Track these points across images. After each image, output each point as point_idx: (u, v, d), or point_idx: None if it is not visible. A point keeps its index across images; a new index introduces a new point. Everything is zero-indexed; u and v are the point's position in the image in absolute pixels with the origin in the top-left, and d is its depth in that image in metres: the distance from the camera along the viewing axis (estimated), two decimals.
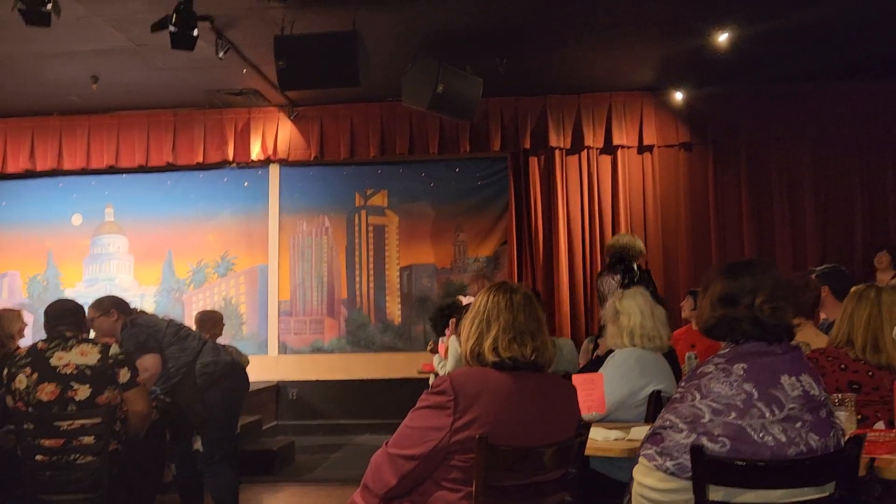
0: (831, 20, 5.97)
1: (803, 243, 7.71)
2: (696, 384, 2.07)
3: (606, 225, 7.82)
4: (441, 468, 2.09)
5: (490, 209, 8.13)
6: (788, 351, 2.14)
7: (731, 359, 2.09)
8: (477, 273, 8.13)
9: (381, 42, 6.08)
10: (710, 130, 7.78)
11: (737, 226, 7.80)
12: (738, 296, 2.17)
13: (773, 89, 7.61)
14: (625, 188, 7.85)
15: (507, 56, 6.59)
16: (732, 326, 2.17)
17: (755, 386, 2.02)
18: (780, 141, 7.76)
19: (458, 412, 2.06)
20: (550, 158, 7.87)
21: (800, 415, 2.03)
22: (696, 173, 7.89)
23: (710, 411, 2.01)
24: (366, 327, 8.14)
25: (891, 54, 6.86)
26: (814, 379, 2.12)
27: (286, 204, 8.27)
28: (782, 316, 2.15)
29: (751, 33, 6.08)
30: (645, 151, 7.88)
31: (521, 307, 2.21)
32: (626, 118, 7.80)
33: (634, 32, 6.25)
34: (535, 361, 2.17)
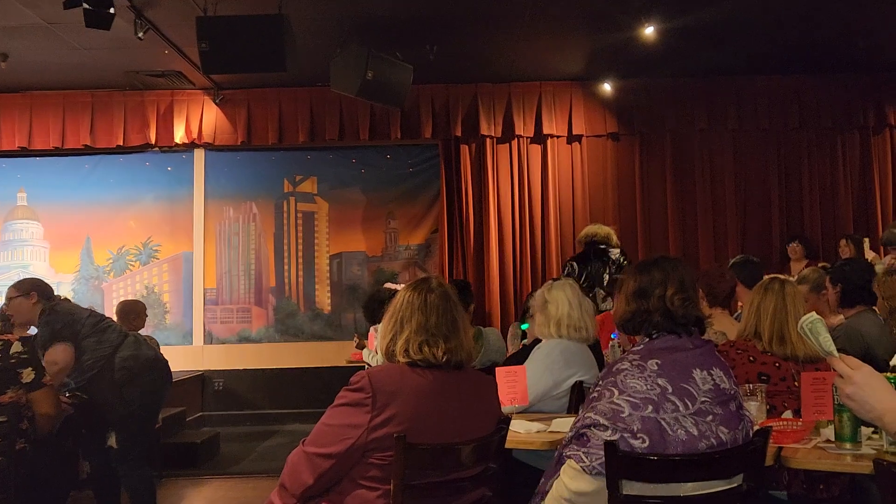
0: (749, 17, 6.15)
1: (724, 231, 7.96)
2: (612, 381, 2.11)
3: (536, 213, 7.91)
4: (359, 466, 2.07)
5: (421, 196, 8.11)
6: (700, 345, 2.20)
7: (644, 355, 2.14)
8: (408, 261, 8.11)
9: (309, 27, 5.97)
10: (636, 121, 7.93)
11: (662, 214, 8.00)
12: (648, 289, 2.23)
13: (696, 82, 7.82)
14: (554, 177, 7.94)
15: (437, 44, 6.55)
16: (645, 319, 2.22)
17: (668, 381, 2.08)
18: (704, 132, 7.98)
19: (376, 410, 2.05)
20: (481, 146, 7.90)
21: (710, 408, 2.09)
22: (623, 163, 8.04)
23: (629, 406, 2.05)
24: (295, 316, 8.03)
25: (806, 50, 7.13)
26: (724, 372, 2.18)
27: (212, 189, 8.06)
28: (692, 308, 2.22)
29: (675, 27, 6.21)
30: (574, 141, 7.99)
31: (436, 308, 2.20)
32: (556, 108, 7.89)
33: (563, 24, 6.30)
34: (447, 362, 2.17)
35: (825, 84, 7.84)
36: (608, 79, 7.67)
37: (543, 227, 7.91)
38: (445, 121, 7.80)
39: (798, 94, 7.87)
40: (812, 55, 7.29)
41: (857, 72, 7.76)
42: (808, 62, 7.48)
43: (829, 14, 6.21)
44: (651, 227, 7.99)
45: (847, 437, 2.45)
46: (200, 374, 7.79)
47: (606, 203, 7.98)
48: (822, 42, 6.91)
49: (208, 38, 5.40)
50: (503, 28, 6.36)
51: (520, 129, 7.84)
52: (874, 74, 7.81)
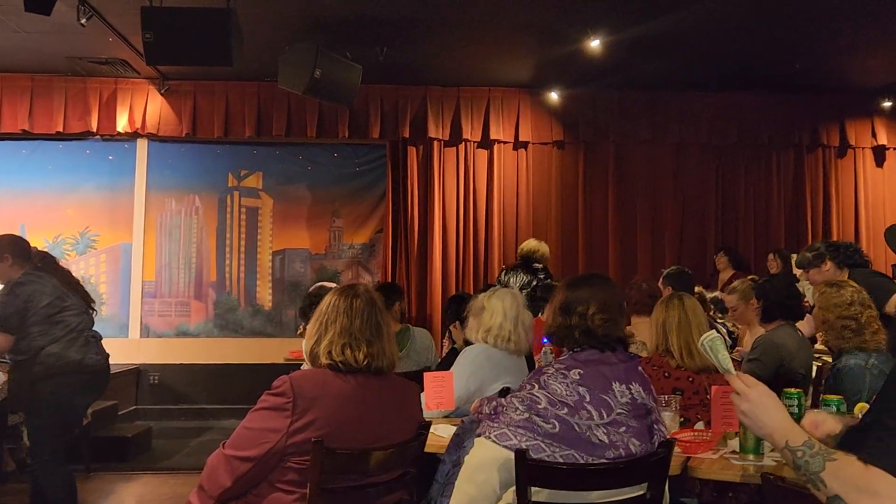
0: (691, 35, 6.32)
1: (662, 241, 8.17)
2: (536, 379, 2.21)
3: (480, 217, 7.99)
4: (277, 470, 2.10)
5: (367, 196, 8.12)
6: (625, 360, 2.30)
7: (569, 365, 2.23)
8: (352, 260, 8.11)
9: (258, 22, 5.93)
10: (581, 130, 8.08)
11: (603, 223, 8.16)
12: (572, 306, 2.33)
13: (640, 95, 8.00)
14: (500, 182, 8.04)
15: (387, 45, 6.58)
16: (567, 334, 2.32)
17: (588, 390, 2.17)
18: (646, 144, 8.17)
19: (297, 414, 2.07)
20: (429, 149, 7.94)
21: (625, 420, 2.18)
22: (567, 171, 8.18)
23: (546, 400, 2.15)
24: (235, 311, 7.96)
25: (745, 69, 7.36)
26: (643, 388, 2.28)
27: (154, 180, 7.93)
28: (612, 328, 2.31)
29: (620, 41, 6.35)
30: (520, 147, 8.09)
31: (360, 312, 2.24)
32: (504, 114, 7.98)
33: (512, 32, 6.38)
34: (368, 366, 2.20)
35: (763, 103, 8.10)
36: (555, 88, 7.80)
37: (487, 231, 8.00)
38: (394, 122, 7.82)
39: (737, 111, 8.12)
40: (751, 74, 7.53)
41: (793, 92, 8.04)
42: (747, 81, 7.72)
43: (767, 36, 6.42)
44: (592, 234, 8.15)
45: (750, 449, 2.58)
46: (135, 368, 7.66)
47: (550, 209, 8.10)
48: (761, 62, 7.15)
49: (153, 29, 5.32)
50: (453, 33, 6.42)
51: (467, 133, 7.91)
52: (809, 96, 8.11)
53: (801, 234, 8.15)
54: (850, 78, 7.68)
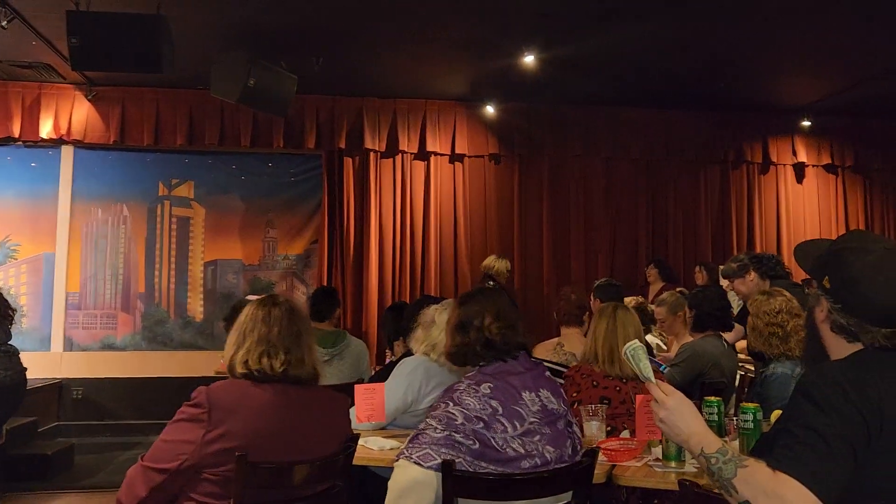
0: (621, 53, 6.50)
1: (595, 253, 8.34)
2: (450, 396, 2.23)
3: (417, 228, 8.01)
4: (194, 482, 2.07)
5: (302, 206, 8.05)
6: (531, 368, 2.35)
7: (478, 380, 2.27)
8: (286, 271, 8.02)
9: (191, 29, 5.84)
10: (517, 144, 8.20)
11: (538, 235, 8.28)
12: (467, 322, 2.37)
13: (573, 110, 8.17)
14: (436, 194, 8.08)
15: (323, 55, 6.55)
16: (468, 351, 2.36)
17: (500, 403, 2.20)
18: (579, 158, 8.34)
19: (211, 425, 2.06)
20: (365, 160, 7.93)
21: (538, 428, 2.23)
22: (503, 183, 8.28)
23: (462, 416, 2.17)
24: (164, 323, 7.77)
25: (673, 86, 7.61)
26: (553, 393, 2.34)
27: (80, 189, 7.69)
28: (510, 334, 2.36)
29: (553, 58, 6.48)
30: (456, 160, 8.16)
31: (278, 321, 2.23)
32: (440, 126, 8.04)
33: (448, 46, 6.45)
34: (285, 374, 2.18)
35: (690, 119, 8.38)
36: (491, 102, 7.90)
37: (424, 242, 8.02)
38: (330, 132, 7.79)
39: (666, 127, 8.37)
40: (679, 92, 7.79)
41: (718, 110, 8.35)
42: (675, 98, 7.98)
43: (694, 56, 6.65)
44: (527, 246, 8.26)
45: (672, 456, 2.65)
46: (58, 382, 7.39)
47: (486, 221, 8.19)
48: (688, 81, 7.40)
49: (79, 34, 5.18)
50: (390, 46, 6.44)
51: (404, 144, 7.94)
52: (733, 113, 8.42)
53: (726, 247, 8.43)
54: (771, 98, 8.02)
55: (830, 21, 5.81)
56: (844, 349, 1.76)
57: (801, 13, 5.64)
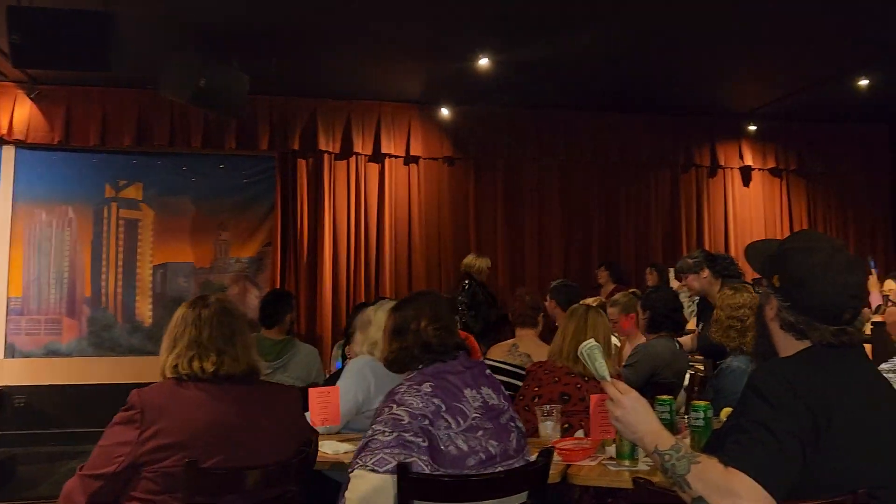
0: (573, 57, 6.57)
1: (549, 256, 8.41)
2: (392, 399, 2.24)
3: (372, 231, 7.97)
4: (134, 482, 2.07)
5: (255, 208, 7.93)
6: (471, 366, 2.38)
7: (419, 381, 2.28)
8: (239, 274, 7.89)
9: (140, 26, 5.70)
10: (472, 147, 8.22)
11: (493, 237, 8.32)
12: (404, 326, 2.39)
13: (528, 113, 8.23)
14: (391, 196, 8.05)
15: (277, 56, 6.47)
16: (406, 356, 2.38)
17: (442, 400, 2.22)
18: (534, 161, 8.40)
19: (145, 424, 2.05)
20: (319, 162, 7.86)
21: (481, 424, 2.25)
22: (458, 186, 8.29)
23: (408, 415, 2.18)
24: (111, 328, 7.56)
25: (625, 91, 7.72)
26: (493, 390, 2.38)
27: (22, 190, 7.44)
28: (447, 336, 2.38)
29: (507, 61, 6.52)
30: (411, 162, 8.14)
31: (209, 321, 2.22)
32: (395, 128, 8.01)
33: (402, 48, 6.43)
34: (215, 374, 2.17)
35: (641, 123, 8.52)
36: (446, 104, 7.90)
37: (379, 245, 7.99)
38: (283, 133, 7.70)
39: (618, 131, 8.49)
40: (630, 96, 7.91)
41: (669, 114, 8.50)
42: (627, 102, 8.11)
43: (645, 61, 6.76)
44: (482, 249, 8.25)
45: (626, 455, 2.68)
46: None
47: (441, 224, 8.19)
48: (639, 84, 7.52)
49: (21, 30, 5.00)
50: (344, 46, 6.40)
51: (358, 146, 7.89)
52: (683, 117, 8.59)
53: (676, 249, 8.57)
54: (719, 102, 8.20)
55: (774, 28, 5.97)
56: (793, 346, 1.80)
57: (746, 20, 5.78)
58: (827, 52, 6.48)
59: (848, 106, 8.09)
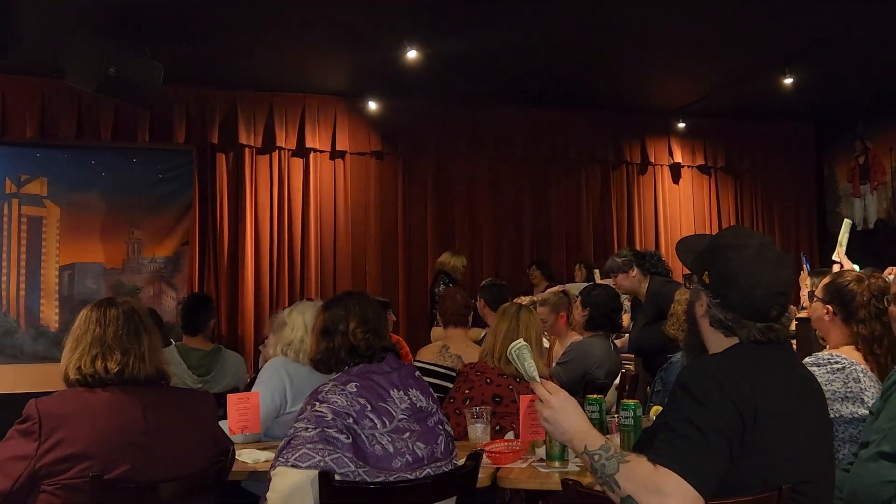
0: (502, 50, 6.61)
1: (480, 254, 8.45)
2: (315, 398, 2.23)
3: (296, 228, 7.84)
4: (33, 496, 1.98)
5: (171, 206, 7.70)
6: (398, 367, 2.37)
7: (344, 380, 2.27)
8: (153, 275, 7.65)
9: (41, 9, 5.44)
10: (400, 141, 8.18)
11: (422, 234, 8.30)
12: (332, 326, 2.39)
13: (457, 108, 8.24)
14: (316, 192, 7.94)
15: (194, 42, 6.28)
16: (333, 357, 2.37)
17: (368, 400, 2.20)
18: (464, 157, 8.42)
19: (44, 436, 1.98)
20: (240, 156, 7.69)
21: (408, 425, 2.24)
22: (386, 182, 8.24)
23: (332, 412, 2.16)
24: (13, 334, 7.21)
25: (554, 85, 7.82)
26: (422, 392, 2.38)
27: None
28: (374, 339, 2.39)
29: (435, 53, 6.49)
30: (337, 157, 8.05)
31: (114, 320, 2.16)
32: (320, 122, 7.90)
33: (328, 38, 6.34)
34: (120, 375, 2.11)
35: (572, 118, 8.63)
36: (373, 97, 7.83)
37: (304, 243, 7.86)
38: (201, 126, 7.48)
39: (548, 127, 8.59)
40: (559, 90, 8.01)
41: (598, 110, 8.65)
42: (556, 96, 8.21)
43: (572, 54, 6.83)
44: (411, 246, 8.26)
45: (556, 456, 2.70)
46: None
47: (368, 221, 8.12)
48: (568, 79, 7.62)
49: None
50: (265, 34, 6.26)
51: (281, 140, 7.75)
52: (614, 114, 8.75)
53: (607, 247, 8.73)
54: (648, 99, 8.39)
55: (697, 25, 6.14)
56: (722, 343, 1.83)
57: (671, 17, 5.93)
58: (750, 49, 6.70)
59: (774, 104, 8.39)
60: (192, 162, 7.62)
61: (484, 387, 3.38)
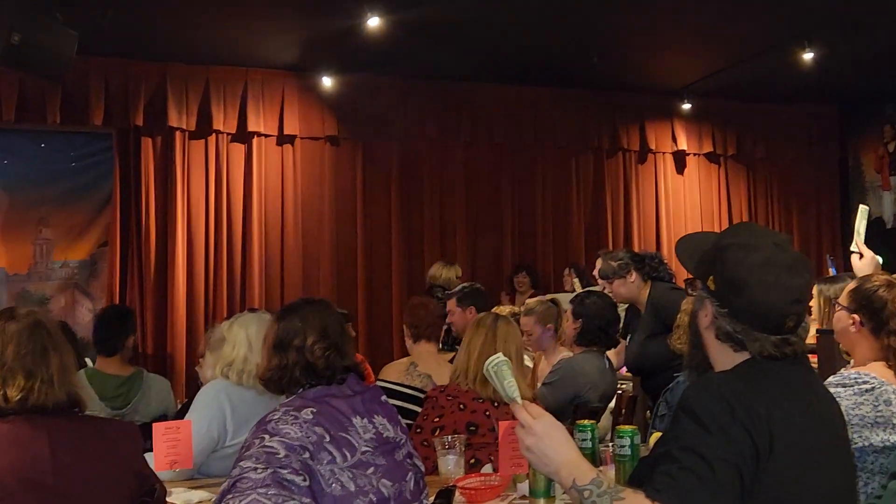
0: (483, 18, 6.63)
1: (453, 254, 8.46)
2: (263, 429, 2.19)
3: (237, 227, 7.83)
4: None
5: (87, 199, 7.68)
6: (361, 391, 2.36)
7: (297, 406, 2.25)
8: (65, 281, 7.62)
9: None
10: (360, 125, 8.19)
11: (385, 231, 8.32)
12: (287, 340, 2.36)
13: (427, 86, 8.29)
14: (260, 184, 7.92)
15: (113, 6, 6.23)
16: (285, 376, 2.35)
17: (326, 429, 2.19)
18: (434, 142, 8.45)
19: None
20: (170, 141, 7.65)
21: (372, 459, 2.23)
22: (343, 170, 8.24)
23: (284, 447, 2.13)
24: None
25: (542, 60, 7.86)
26: (389, 419, 2.37)
27: None
28: (335, 358, 2.36)
29: (403, 21, 6.50)
30: (286, 142, 8.05)
31: (14, 337, 2.13)
32: (265, 101, 7.89)
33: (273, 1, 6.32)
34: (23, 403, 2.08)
35: (561, 99, 8.71)
36: (328, 72, 7.82)
37: (245, 244, 7.84)
38: (123, 105, 7.43)
39: (533, 107, 8.65)
40: (546, 67, 8.05)
41: (592, 89, 8.72)
42: (543, 74, 8.26)
43: (563, 25, 6.89)
44: (373, 244, 8.27)
45: (541, 493, 2.69)
46: None
47: (322, 218, 8.12)
48: (557, 54, 7.66)
49: None
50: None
51: (219, 122, 7.72)
52: (609, 94, 8.83)
53: (601, 246, 8.73)
54: (649, 77, 8.47)
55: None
56: (730, 359, 1.85)
57: None
58: (765, 19, 6.78)
59: (792, 83, 8.52)
60: (112, 147, 7.60)
61: (456, 414, 3.37)
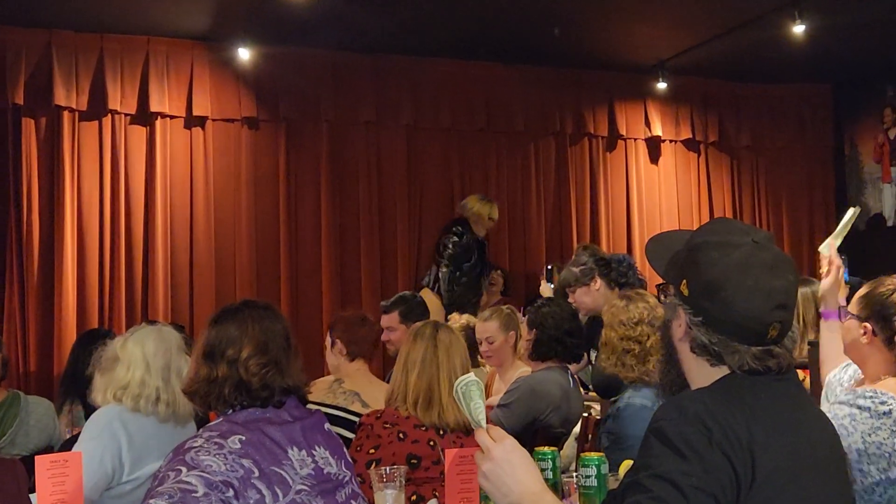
0: None
1: (394, 253, 8.47)
2: (181, 460, 2.17)
3: (137, 222, 7.77)
4: None
5: None
6: (302, 416, 2.34)
7: (224, 431, 2.23)
8: None
9: None
10: (283, 104, 8.18)
11: (314, 226, 8.30)
12: (218, 349, 2.35)
13: (362, 60, 8.31)
14: (164, 170, 7.87)
15: None
16: (212, 391, 2.33)
17: (255, 462, 2.17)
18: (370, 125, 8.45)
19: None
20: (56, 122, 7.57)
21: (308, 500, 2.22)
22: (263, 157, 8.22)
23: (204, 484, 2.11)
24: None
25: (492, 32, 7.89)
26: (332, 452, 2.36)
27: None
28: (274, 376, 2.36)
29: None
30: (195, 125, 8.00)
31: None
32: (171, 77, 7.84)
33: None
34: None
35: (518, 76, 8.76)
36: (245, 43, 7.76)
37: (147, 242, 7.78)
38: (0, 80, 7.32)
39: (486, 87, 8.70)
40: (501, 40, 8.08)
41: (553, 66, 8.78)
42: (496, 48, 8.29)
43: None
44: (298, 242, 8.24)
45: None
46: None
47: (239, 212, 8.08)
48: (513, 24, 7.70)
49: None
50: None
51: (116, 101, 7.65)
52: (573, 71, 8.91)
53: (564, 247, 8.87)
54: (619, 51, 8.56)
55: None
56: (708, 375, 1.88)
57: None
58: None
59: (781, 60, 8.64)
60: None
61: (395, 444, 3.32)
